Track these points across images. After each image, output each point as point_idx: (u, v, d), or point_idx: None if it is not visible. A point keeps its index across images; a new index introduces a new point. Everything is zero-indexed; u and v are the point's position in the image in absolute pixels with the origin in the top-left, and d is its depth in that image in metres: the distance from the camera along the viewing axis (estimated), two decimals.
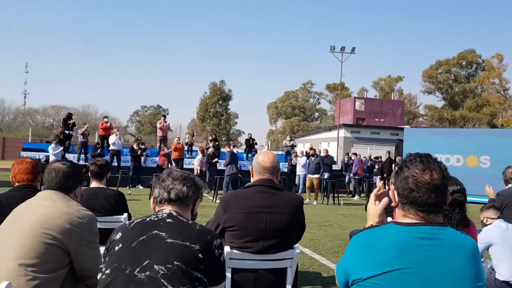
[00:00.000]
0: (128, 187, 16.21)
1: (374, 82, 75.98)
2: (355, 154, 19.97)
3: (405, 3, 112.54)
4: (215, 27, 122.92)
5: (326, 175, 16.52)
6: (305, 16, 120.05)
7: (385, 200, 2.00)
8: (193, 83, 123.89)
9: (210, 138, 20.06)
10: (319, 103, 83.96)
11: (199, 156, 17.70)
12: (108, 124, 19.76)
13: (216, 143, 19.63)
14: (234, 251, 3.08)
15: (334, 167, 21.13)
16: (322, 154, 17.18)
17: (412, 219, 1.72)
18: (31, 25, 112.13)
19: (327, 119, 79.02)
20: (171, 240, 1.89)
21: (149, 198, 13.01)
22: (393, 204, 1.83)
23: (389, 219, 2.04)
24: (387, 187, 2.01)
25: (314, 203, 15.16)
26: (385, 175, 18.04)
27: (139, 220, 2.03)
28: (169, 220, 2.01)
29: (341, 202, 15.68)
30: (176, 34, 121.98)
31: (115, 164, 18.14)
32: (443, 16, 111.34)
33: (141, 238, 1.91)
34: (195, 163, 17.68)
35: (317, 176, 15.47)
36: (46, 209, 2.46)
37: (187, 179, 2.16)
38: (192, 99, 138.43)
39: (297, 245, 3.31)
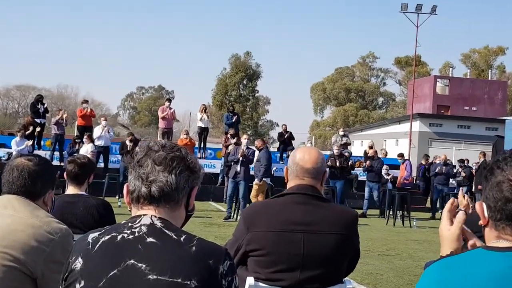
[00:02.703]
0: (117, 197, 16.46)
1: (463, 55, 74.73)
2: (401, 155, 19.84)
3: None
4: None
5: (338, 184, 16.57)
6: None
7: (460, 215, 1.97)
8: (207, 55, 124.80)
9: (231, 132, 20.14)
10: (384, 84, 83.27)
11: (87, 145, 17.03)
12: (89, 111, 20.07)
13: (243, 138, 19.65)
14: (260, 284, 3.09)
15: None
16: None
17: (510, 241, 1.70)
18: None
19: (395, 107, 78.24)
20: (154, 277, 1.78)
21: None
22: (481, 221, 1.80)
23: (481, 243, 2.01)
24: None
25: None
26: (479, 187, 17.76)
27: (108, 238, 1.89)
28: (151, 239, 1.86)
29: (414, 223, 15.54)
30: None
31: (101, 165, 18.44)
32: None
33: (112, 273, 1.80)
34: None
35: None
36: (5, 220, 2.52)
37: (176, 160, 1.96)
38: (207, 78, 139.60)
39: (348, 278, 3.30)
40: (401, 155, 19.87)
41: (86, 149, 16.90)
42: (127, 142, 18.31)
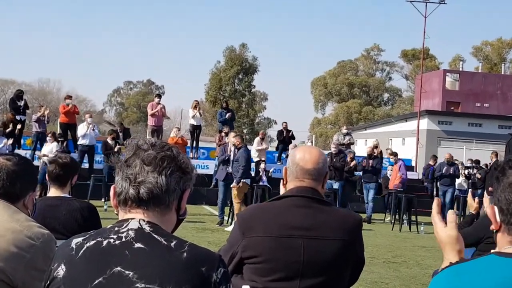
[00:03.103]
0: (103, 200, 16.44)
1: (475, 48, 74.85)
2: (394, 154, 19.77)
3: None
4: None
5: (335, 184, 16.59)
6: None
7: (451, 214, 1.98)
8: (200, 47, 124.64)
9: (225, 130, 20.11)
10: (390, 79, 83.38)
11: (50, 144, 16.96)
12: (72, 107, 20.10)
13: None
14: None
15: (412, 175, 20.98)
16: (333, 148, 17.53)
17: None
18: None
19: (401, 103, 78.31)
20: (142, 285, 1.78)
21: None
22: (493, 226, 1.80)
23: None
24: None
25: None
26: (490, 189, 17.81)
27: (92, 243, 1.88)
28: (139, 245, 1.85)
29: (422, 228, 15.57)
30: None
31: (86, 165, 18.42)
32: None
33: (97, 281, 1.80)
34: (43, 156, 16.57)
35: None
36: None
37: (166, 160, 1.95)
38: (199, 72, 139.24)
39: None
40: (393, 154, 19.74)
41: (50, 149, 16.58)
42: (109, 141, 18.32)
